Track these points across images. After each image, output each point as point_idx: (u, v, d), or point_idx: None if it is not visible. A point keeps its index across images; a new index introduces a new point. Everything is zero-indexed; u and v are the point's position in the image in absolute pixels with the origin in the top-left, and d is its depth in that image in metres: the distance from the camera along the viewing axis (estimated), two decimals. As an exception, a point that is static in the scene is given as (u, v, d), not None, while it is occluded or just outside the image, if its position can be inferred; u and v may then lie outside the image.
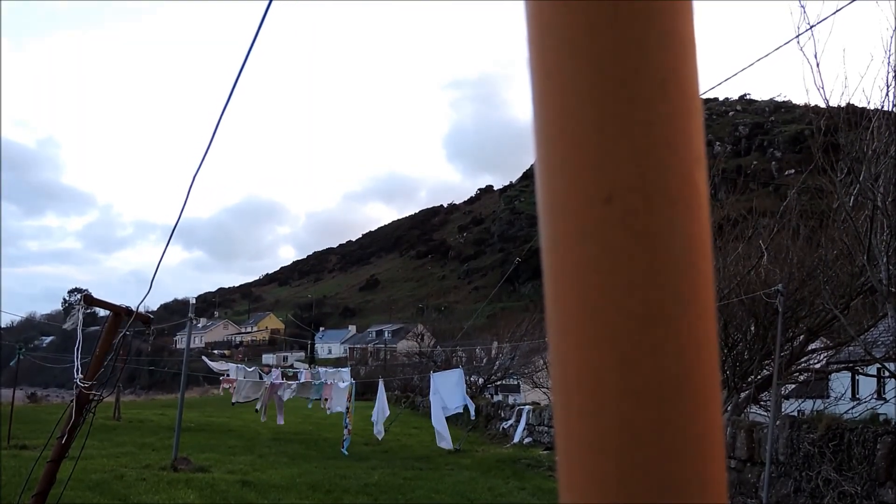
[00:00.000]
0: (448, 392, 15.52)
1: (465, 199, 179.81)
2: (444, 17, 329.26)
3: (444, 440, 14.97)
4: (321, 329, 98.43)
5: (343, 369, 18.80)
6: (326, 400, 16.07)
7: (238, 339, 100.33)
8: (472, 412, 17.49)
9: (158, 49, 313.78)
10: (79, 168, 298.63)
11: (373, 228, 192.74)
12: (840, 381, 13.00)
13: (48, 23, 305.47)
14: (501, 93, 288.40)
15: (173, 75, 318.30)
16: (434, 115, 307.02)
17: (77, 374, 4.18)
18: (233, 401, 15.35)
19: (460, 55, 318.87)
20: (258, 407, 15.45)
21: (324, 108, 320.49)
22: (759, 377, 11.29)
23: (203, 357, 22.52)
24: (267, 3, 2.54)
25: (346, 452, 14.67)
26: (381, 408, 16.26)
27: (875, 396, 11.69)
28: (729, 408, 11.23)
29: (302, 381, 16.68)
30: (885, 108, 8.48)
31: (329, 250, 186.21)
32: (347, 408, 15.54)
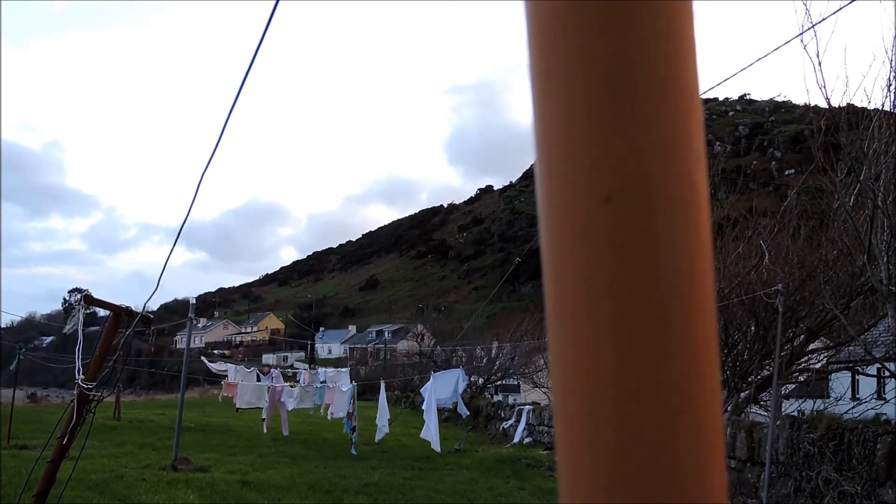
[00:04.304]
0: (442, 386, 15.70)
1: (465, 199, 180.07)
2: (445, 23, 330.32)
3: (433, 439, 15.02)
4: (321, 329, 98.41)
5: (342, 370, 18.79)
6: (328, 406, 16.10)
7: (238, 339, 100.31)
8: (463, 411, 17.54)
9: (162, 51, 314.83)
10: (83, 171, 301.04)
11: (373, 228, 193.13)
12: (840, 381, 12.99)
13: (52, 23, 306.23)
14: (502, 97, 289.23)
15: (176, 77, 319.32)
16: (435, 119, 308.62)
17: (78, 374, 4.18)
18: (236, 407, 15.39)
19: (461, 61, 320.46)
20: (264, 416, 15.52)
21: (327, 111, 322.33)
22: (759, 377, 11.28)
23: (202, 357, 22.49)
24: (272, 9, 2.55)
25: (355, 452, 14.76)
26: (382, 411, 16.34)
27: (875, 396, 11.68)
28: (729, 408, 11.23)
29: (302, 384, 16.68)
30: (886, 108, 8.48)
31: (329, 250, 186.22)
32: (349, 412, 15.57)
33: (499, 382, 30.43)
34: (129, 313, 4.64)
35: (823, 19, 7.73)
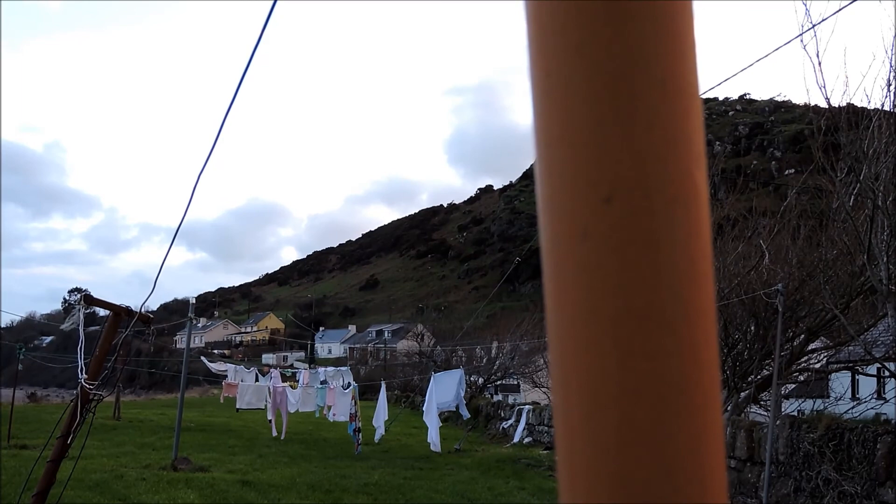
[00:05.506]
0: (443, 389, 15.67)
1: (465, 199, 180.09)
2: (446, 24, 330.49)
3: (433, 442, 15.03)
4: (321, 329, 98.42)
5: (343, 368, 18.79)
6: (330, 408, 16.11)
7: (238, 338, 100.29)
8: (465, 413, 17.55)
9: (163, 51, 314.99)
10: (84, 171, 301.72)
11: (373, 228, 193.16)
12: (840, 381, 12.99)
13: (53, 24, 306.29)
14: (502, 98, 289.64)
15: (178, 78, 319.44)
16: (436, 120, 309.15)
17: (81, 374, 4.18)
18: (237, 407, 15.41)
19: (462, 62, 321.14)
20: (270, 417, 15.53)
21: (327, 112, 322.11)
22: (759, 377, 11.28)
23: (202, 357, 22.52)
24: (269, 8, 2.55)
25: (359, 451, 14.78)
26: (381, 411, 16.35)
27: (875, 396, 11.68)
28: (729, 408, 11.23)
29: (302, 384, 16.71)
30: (886, 108, 8.48)
31: (329, 250, 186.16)
32: (352, 414, 15.58)
33: (499, 382, 30.43)
34: (129, 313, 4.64)
35: (823, 19, 7.74)
